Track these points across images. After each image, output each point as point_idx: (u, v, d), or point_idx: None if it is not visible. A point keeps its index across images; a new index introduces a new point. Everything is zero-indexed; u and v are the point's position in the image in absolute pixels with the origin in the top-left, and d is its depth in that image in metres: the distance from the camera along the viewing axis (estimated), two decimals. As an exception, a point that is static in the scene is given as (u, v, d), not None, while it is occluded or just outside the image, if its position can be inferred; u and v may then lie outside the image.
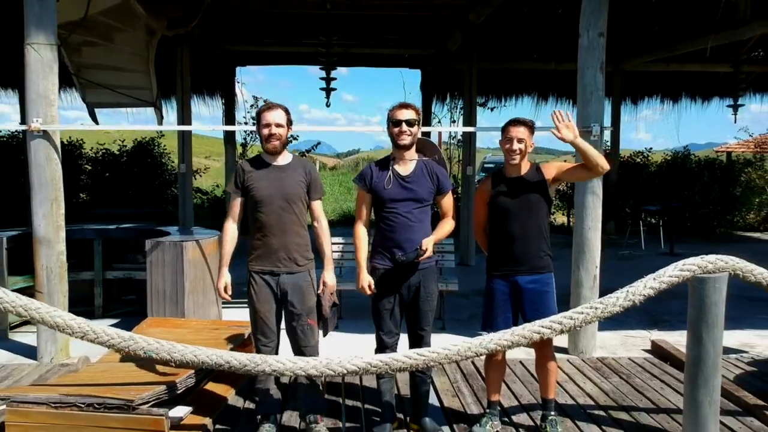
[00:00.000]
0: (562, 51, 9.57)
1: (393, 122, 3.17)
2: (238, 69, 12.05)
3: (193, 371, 3.28)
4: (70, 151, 12.72)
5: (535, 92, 12.85)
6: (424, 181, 3.21)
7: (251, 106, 12.72)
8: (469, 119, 9.18)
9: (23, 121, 4.68)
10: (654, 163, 13.31)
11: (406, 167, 3.22)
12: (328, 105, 8.57)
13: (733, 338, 5.09)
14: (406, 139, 3.16)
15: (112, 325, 2.85)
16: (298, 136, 13.01)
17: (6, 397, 2.96)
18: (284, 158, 3.25)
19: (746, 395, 3.77)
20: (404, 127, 3.14)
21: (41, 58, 4.20)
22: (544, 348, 3.26)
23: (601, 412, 3.61)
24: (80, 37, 6.55)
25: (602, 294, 3.54)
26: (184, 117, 9.05)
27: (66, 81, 8.08)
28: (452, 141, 13.68)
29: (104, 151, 13.00)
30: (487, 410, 3.38)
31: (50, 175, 4.29)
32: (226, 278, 3.22)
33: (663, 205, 10.38)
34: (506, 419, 3.47)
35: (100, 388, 3.03)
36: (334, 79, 9.17)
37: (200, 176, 14.28)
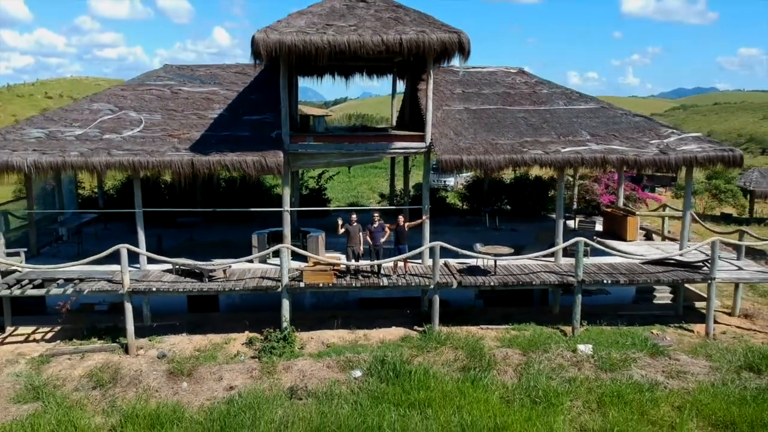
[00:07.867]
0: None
1: (373, 215, 15.82)
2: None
3: (332, 266, 15.85)
4: (210, 177, 25.07)
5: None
6: (381, 227, 15.84)
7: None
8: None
9: (282, 207, 16.99)
10: (509, 178, 26.02)
11: (376, 223, 15.87)
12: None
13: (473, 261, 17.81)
14: (375, 222, 15.82)
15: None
16: None
17: (300, 270, 15.63)
18: (355, 222, 15.87)
19: (456, 272, 16.52)
20: (375, 221, 15.78)
21: (287, 191, 16.61)
22: (406, 262, 15.97)
23: (428, 277, 16.31)
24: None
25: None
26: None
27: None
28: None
29: (230, 177, 25.33)
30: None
31: (288, 220, 16.74)
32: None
33: (491, 206, 23.15)
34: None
35: (319, 267, 15.66)
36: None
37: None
